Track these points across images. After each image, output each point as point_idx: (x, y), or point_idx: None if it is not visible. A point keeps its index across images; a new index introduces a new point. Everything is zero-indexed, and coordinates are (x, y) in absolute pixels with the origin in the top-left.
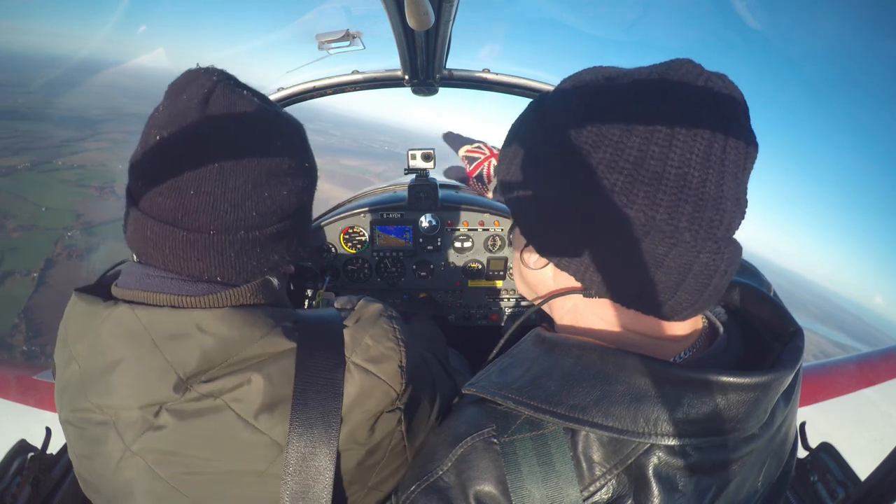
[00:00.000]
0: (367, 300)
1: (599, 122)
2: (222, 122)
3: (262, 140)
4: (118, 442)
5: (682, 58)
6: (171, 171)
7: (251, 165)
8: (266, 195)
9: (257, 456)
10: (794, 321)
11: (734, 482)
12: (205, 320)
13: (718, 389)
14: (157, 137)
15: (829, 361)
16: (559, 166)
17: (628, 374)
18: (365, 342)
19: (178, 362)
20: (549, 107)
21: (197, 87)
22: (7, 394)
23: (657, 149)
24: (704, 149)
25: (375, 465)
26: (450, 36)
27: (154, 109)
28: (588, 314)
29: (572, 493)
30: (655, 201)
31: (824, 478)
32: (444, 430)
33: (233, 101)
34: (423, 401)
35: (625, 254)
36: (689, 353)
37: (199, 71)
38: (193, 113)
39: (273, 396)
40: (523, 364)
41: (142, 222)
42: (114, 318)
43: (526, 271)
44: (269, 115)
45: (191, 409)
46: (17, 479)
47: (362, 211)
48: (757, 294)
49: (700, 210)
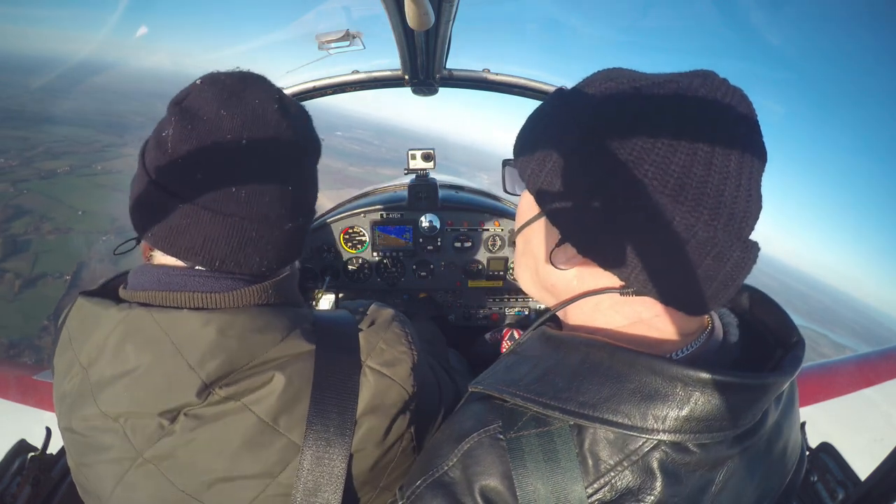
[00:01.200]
0: (379, 305)
1: (645, 135)
2: (294, 123)
3: (311, 144)
4: (128, 450)
5: (705, 70)
6: (240, 167)
7: (303, 166)
8: (304, 192)
9: (275, 457)
10: (797, 331)
11: (734, 481)
12: (228, 322)
13: (726, 389)
14: (227, 136)
15: (829, 361)
16: (602, 175)
17: (638, 372)
18: (379, 346)
19: (202, 367)
20: (581, 112)
21: (263, 90)
22: (7, 394)
23: (700, 169)
24: (737, 165)
25: (387, 467)
26: (450, 36)
27: (194, 101)
28: (609, 312)
29: (577, 489)
30: (697, 212)
31: (824, 478)
32: (450, 426)
33: (296, 107)
34: (431, 403)
35: (668, 257)
36: (689, 350)
37: (246, 75)
38: (273, 115)
39: (293, 398)
40: (530, 361)
41: (161, 201)
42: (128, 321)
43: (548, 273)
44: (310, 122)
45: (210, 413)
46: (17, 479)
47: (362, 211)
48: (766, 300)
49: (733, 218)
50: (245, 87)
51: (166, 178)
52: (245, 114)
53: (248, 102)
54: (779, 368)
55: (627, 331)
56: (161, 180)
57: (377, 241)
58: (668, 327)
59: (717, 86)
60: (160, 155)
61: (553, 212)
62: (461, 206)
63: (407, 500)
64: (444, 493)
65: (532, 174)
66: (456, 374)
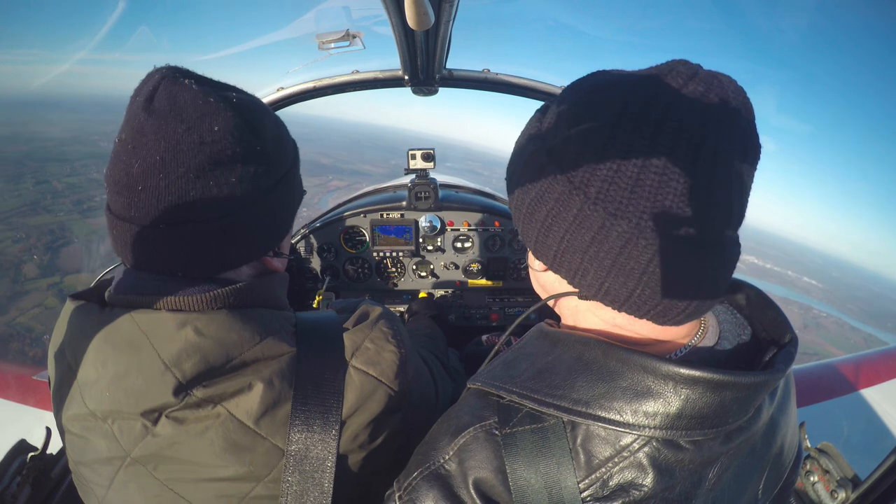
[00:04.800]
0: (367, 303)
1: (583, 135)
2: (164, 116)
3: (199, 128)
4: (117, 450)
5: (677, 60)
6: (125, 170)
7: (191, 155)
8: (211, 184)
9: (259, 460)
10: (792, 329)
11: (728, 477)
12: (204, 323)
13: (718, 387)
14: (115, 141)
15: (829, 361)
16: (549, 177)
17: (631, 370)
18: (365, 345)
19: (178, 366)
20: (547, 120)
21: (145, 87)
22: (7, 394)
23: (623, 180)
24: (665, 175)
25: (379, 466)
26: (450, 36)
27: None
28: (588, 314)
29: (570, 483)
30: (624, 219)
31: (824, 478)
32: (447, 421)
33: (174, 94)
34: (425, 401)
35: (610, 260)
36: (685, 351)
37: (152, 71)
38: (141, 113)
39: (274, 401)
40: (528, 358)
41: (110, 221)
42: (111, 323)
43: (536, 274)
44: (207, 101)
45: (191, 416)
46: (17, 479)
47: (362, 211)
48: (763, 298)
49: (683, 220)
50: (139, 87)
51: (110, 202)
52: (126, 118)
53: (132, 108)
54: (771, 366)
55: (619, 332)
56: (109, 205)
57: (377, 241)
58: (649, 330)
59: (679, 75)
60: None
61: (514, 216)
62: (461, 205)
63: (403, 491)
64: (439, 486)
65: (508, 179)
66: (456, 374)
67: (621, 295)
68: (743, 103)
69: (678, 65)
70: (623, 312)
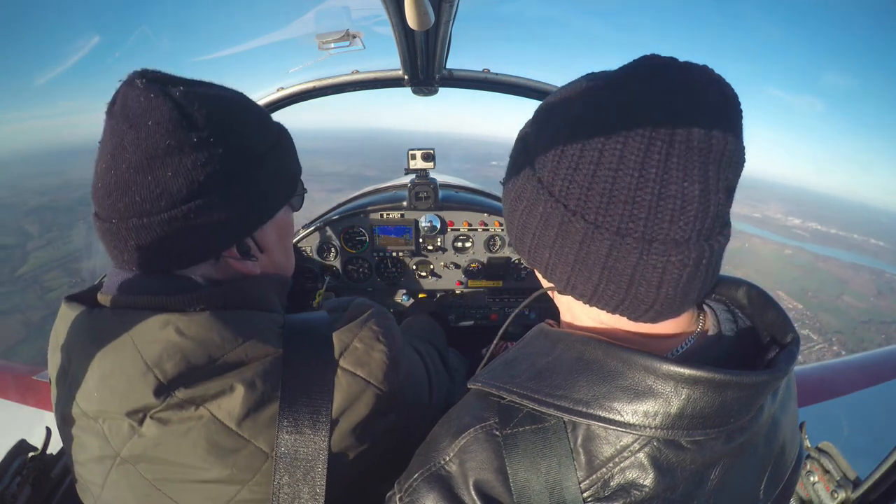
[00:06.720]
0: (359, 302)
1: (552, 131)
2: (116, 117)
3: (139, 124)
4: (108, 449)
5: (647, 55)
6: (95, 170)
7: (131, 150)
8: (150, 179)
9: (243, 463)
10: (794, 329)
11: (730, 477)
12: (186, 323)
13: (719, 387)
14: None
15: (829, 362)
16: (524, 176)
17: (631, 369)
18: (353, 345)
19: (159, 366)
20: (530, 122)
21: (115, 93)
22: (7, 394)
23: (582, 177)
24: (640, 157)
25: (373, 466)
26: (450, 36)
27: None
28: (578, 312)
29: (571, 484)
30: (594, 207)
31: (824, 478)
32: (448, 421)
33: (126, 95)
34: (418, 398)
35: (573, 255)
36: (682, 349)
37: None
38: (105, 117)
39: (257, 403)
40: (528, 358)
41: (107, 227)
42: (98, 324)
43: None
44: (148, 98)
45: (174, 418)
46: (17, 479)
47: (362, 211)
48: (764, 297)
49: (635, 216)
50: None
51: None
52: (121, 129)
53: (133, 118)
54: (773, 366)
55: (613, 330)
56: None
57: (377, 241)
58: (637, 327)
59: (644, 76)
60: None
61: (503, 216)
62: (461, 205)
63: (404, 492)
64: (440, 487)
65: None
66: (455, 373)
67: (587, 290)
68: (716, 97)
69: (646, 61)
70: (594, 307)
